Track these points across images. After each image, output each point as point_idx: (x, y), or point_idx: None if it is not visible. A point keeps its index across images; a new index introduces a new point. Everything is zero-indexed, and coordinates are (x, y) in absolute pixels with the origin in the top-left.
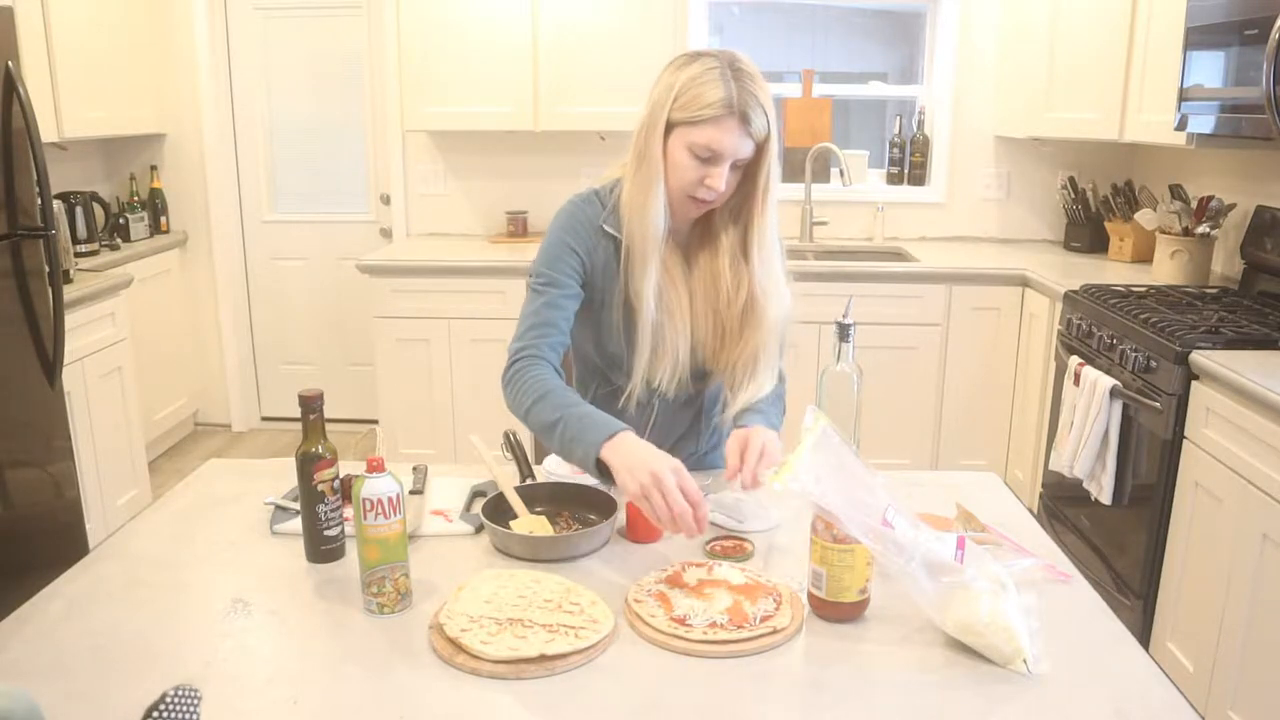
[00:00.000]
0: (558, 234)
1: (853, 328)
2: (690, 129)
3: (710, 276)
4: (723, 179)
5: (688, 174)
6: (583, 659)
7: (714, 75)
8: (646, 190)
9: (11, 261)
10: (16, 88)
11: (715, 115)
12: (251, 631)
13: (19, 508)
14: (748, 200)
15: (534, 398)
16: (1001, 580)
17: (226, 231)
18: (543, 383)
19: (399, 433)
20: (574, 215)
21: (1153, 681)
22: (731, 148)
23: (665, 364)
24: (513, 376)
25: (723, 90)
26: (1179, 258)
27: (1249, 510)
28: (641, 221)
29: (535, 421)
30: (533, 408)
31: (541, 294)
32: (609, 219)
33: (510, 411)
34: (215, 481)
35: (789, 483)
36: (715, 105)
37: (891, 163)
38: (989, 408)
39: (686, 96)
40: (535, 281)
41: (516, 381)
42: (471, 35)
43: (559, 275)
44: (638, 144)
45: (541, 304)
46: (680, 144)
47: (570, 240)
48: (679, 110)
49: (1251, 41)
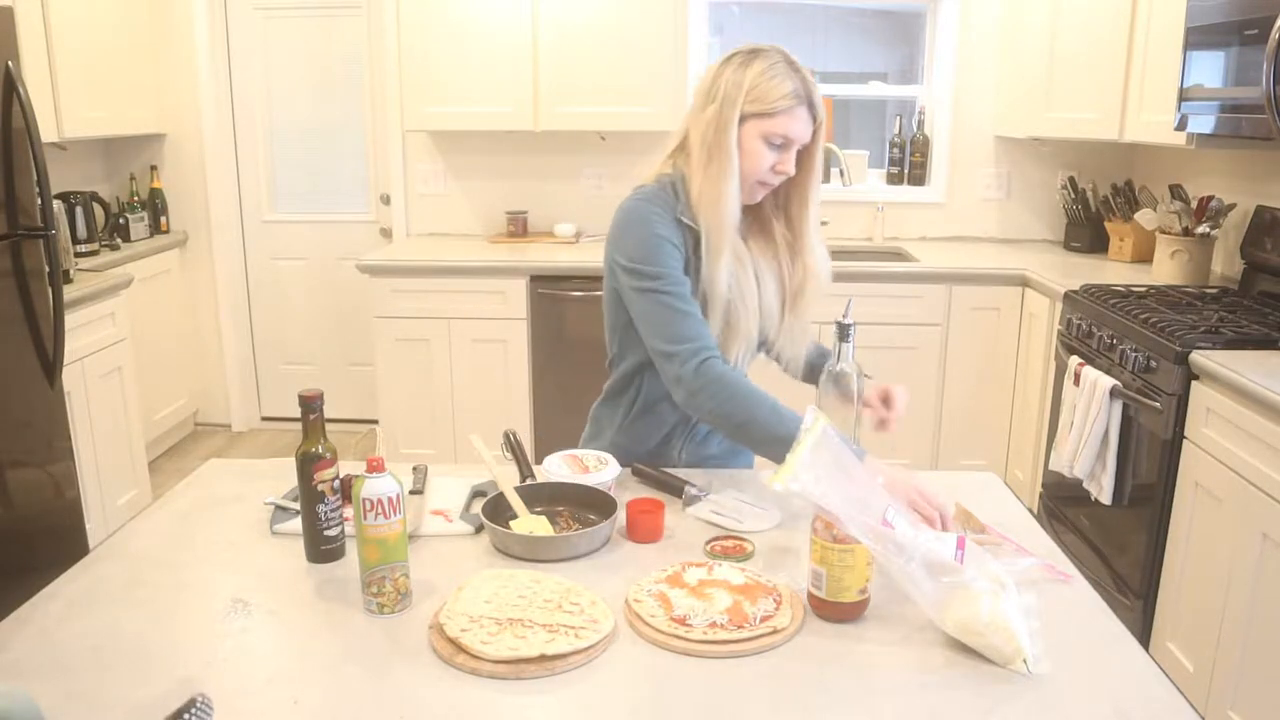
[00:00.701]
0: (651, 230)
1: (853, 328)
2: (765, 120)
3: (769, 253)
4: (791, 163)
5: (763, 161)
6: (583, 659)
7: (780, 69)
8: (721, 180)
9: (11, 261)
10: (16, 88)
11: (789, 106)
12: (251, 631)
13: (19, 508)
14: (803, 179)
15: (752, 411)
16: (1001, 580)
17: (226, 231)
18: (762, 393)
19: (399, 433)
20: (657, 212)
21: (1153, 681)
22: (800, 133)
23: (740, 342)
24: (710, 376)
25: (791, 83)
26: (1179, 258)
27: (1249, 510)
28: (719, 211)
29: (758, 431)
30: (753, 421)
31: (670, 292)
32: (684, 211)
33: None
34: (215, 481)
35: (789, 483)
36: (789, 97)
37: (891, 163)
38: (989, 408)
39: (758, 90)
40: (655, 283)
41: (721, 384)
42: (471, 35)
43: (673, 271)
44: (706, 138)
45: (679, 302)
46: (754, 134)
47: (665, 233)
48: (752, 103)
49: (1251, 41)
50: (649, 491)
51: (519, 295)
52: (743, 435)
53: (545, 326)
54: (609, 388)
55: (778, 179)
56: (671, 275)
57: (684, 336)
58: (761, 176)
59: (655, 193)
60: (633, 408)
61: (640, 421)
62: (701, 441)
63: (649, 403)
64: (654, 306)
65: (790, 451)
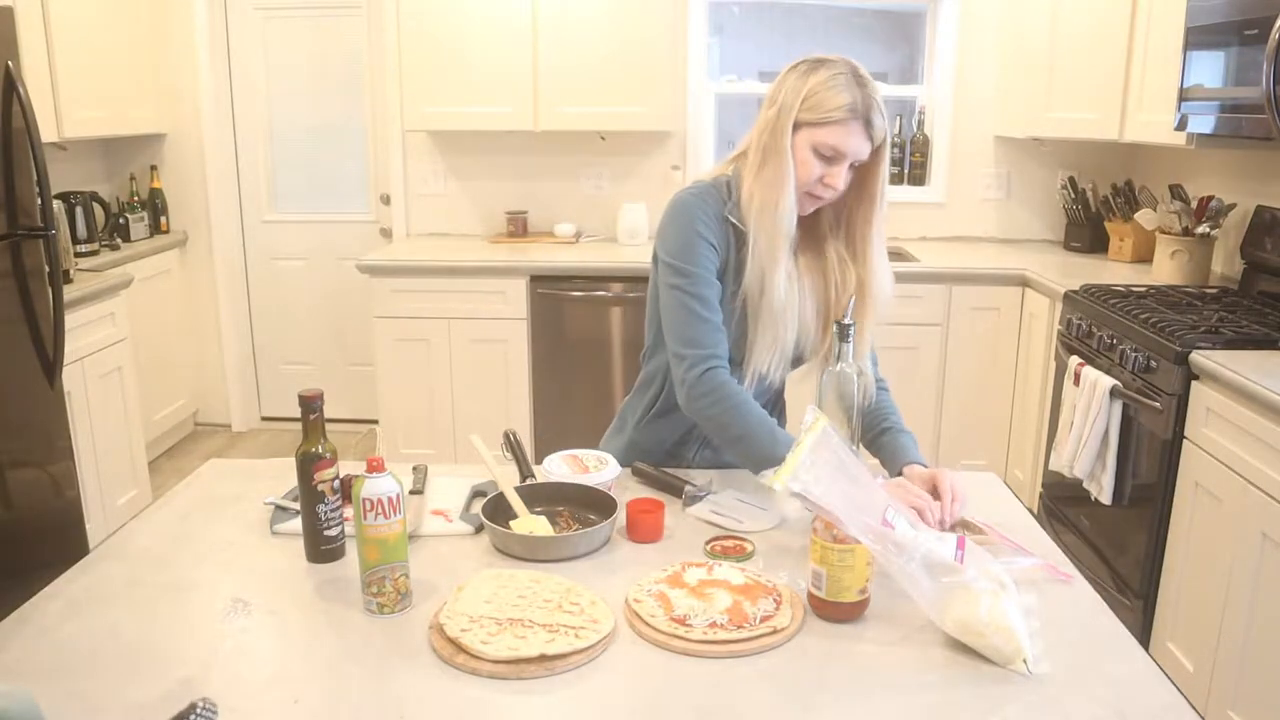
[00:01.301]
0: (691, 226)
1: (853, 328)
2: (817, 129)
3: (818, 270)
4: (841, 178)
5: (810, 171)
6: (583, 659)
7: (840, 81)
8: (777, 186)
9: (11, 261)
10: (16, 88)
11: (842, 118)
12: (251, 631)
13: (19, 508)
14: (863, 199)
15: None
16: (1001, 580)
17: (226, 231)
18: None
19: (399, 433)
20: (702, 205)
21: (1153, 681)
22: (854, 149)
23: (775, 352)
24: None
25: (848, 95)
26: (1179, 258)
27: (1249, 510)
28: (774, 214)
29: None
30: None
31: (694, 294)
32: (733, 210)
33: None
34: (215, 481)
35: (789, 483)
36: (842, 109)
37: (892, 163)
38: (989, 408)
39: (815, 99)
40: (682, 281)
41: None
42: (471, 35)
43: (704, 271)
44: (762, 141)
45: (700, 306)
46: (805, 143)
47: (704, 232)
48: (806, 111)
49: (1251, 41)
50: (649, 491)
51: (519, 295)
52: (737, 448)
53: (545, 326)
54: (638, 381)
55: (827, 193)
56: (702, 277)
57: (697, 341)
58: (809, 187)
59: (706, 188)
60: (654, 405)
61: (660, 420)
62: (718, 448)
63: (670, 402)
64: (678, 306)
65: (790, 452)
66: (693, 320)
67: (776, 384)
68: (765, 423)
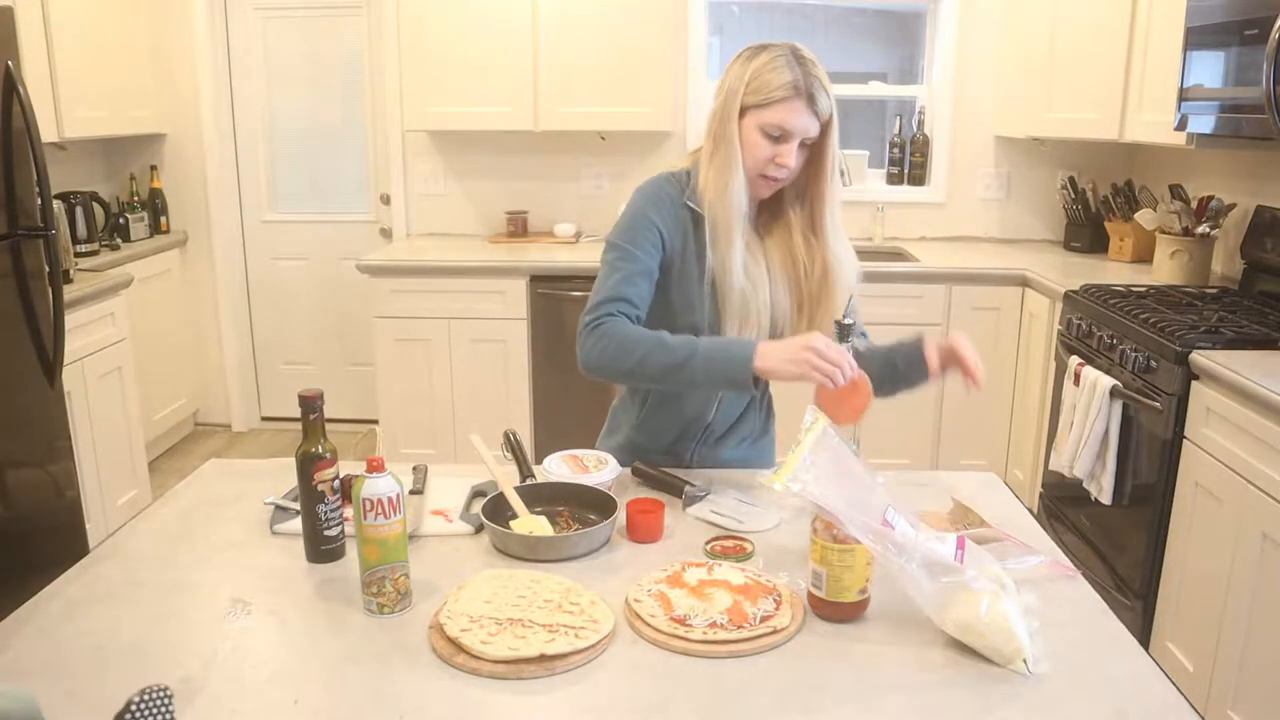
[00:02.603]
0: (640, 207)
1: (853, 327)
2: (762, 110)
3: (785, 251)
4: (792, 155)
5: (761, 153)
6: (583, 659)
7: (781, 62)
8: (726, 170)
9: (11, 261)
10: (16, 88)
11: (784, 96)
12: (251, 631)
13: (19, 508)
14: (816, 177)
15: (650, 343)
16: (1001, 580)
17: (226, 231)
18: (649, 332)
19: (399, 433)
20: (656, 192)
21: (1153, 681)
22: (800, 126)
23: (750, 333)
24: (604, 334)
25: (789, 74)
26: (1179, 258)
27: (1249, 510)
28: (724, 199)
29: (653, 365)
30: (648, 355)
31: (617, 269)
32: (691, 196)
33: (593, 366)
34: (215, 481)
35: (789, 483)
36: (784, 87)
37: (891, 163)
38: (989, 408)
39: (757, 82)
40: (613, 256)
41: (613, 335)
42: (471, 35)
43: (637, 250)
44: (713, 130)
45: (619, 279)
46: (753, 125)
47: (652, 214)
48: (751, 95)
49: (1251, 41)
50: (649, 491)
51: (519, 295)
52: (639, 377)
53: (545, 326)
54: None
55: (780, 173)
56: (630, 254)
57: (595, 305)
58: (761, 169)
59: (667, 177)
60: (646, 404)
61: (654, 418)
62: (715, 444)
63: (661, 398)
64: (601, 276)
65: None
66: (601, 289)
67: None
68: (649, 340)
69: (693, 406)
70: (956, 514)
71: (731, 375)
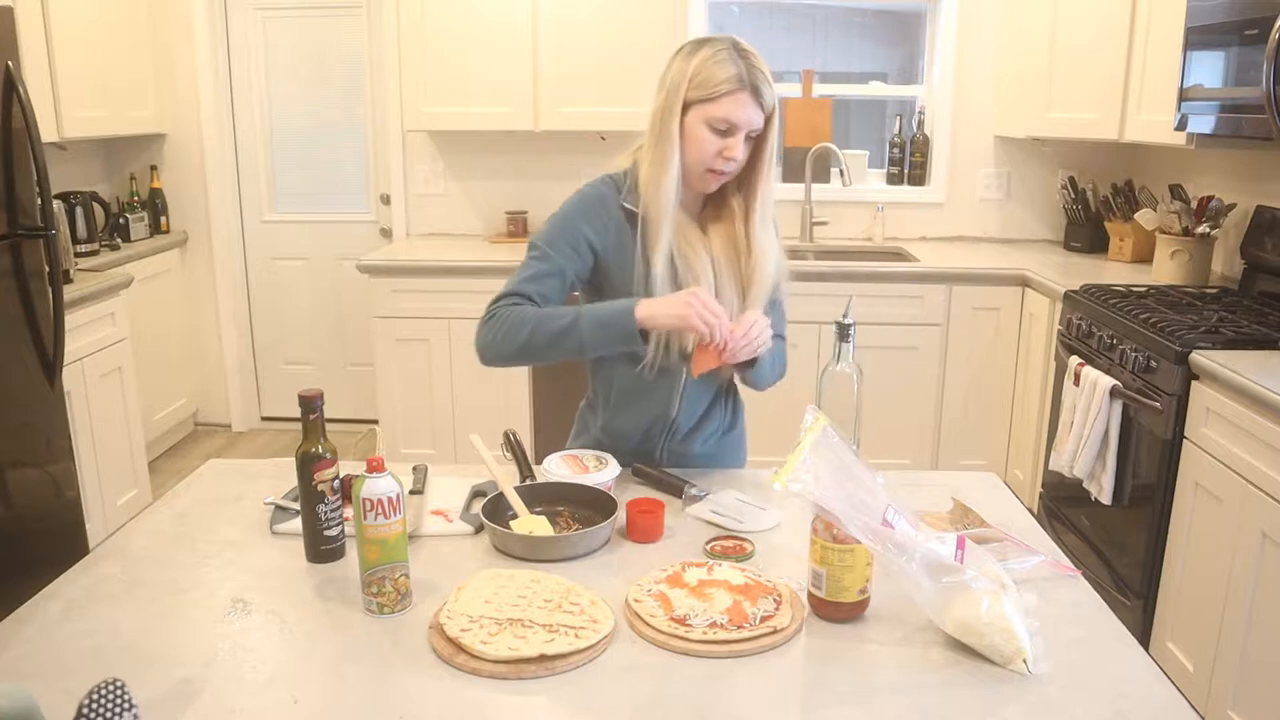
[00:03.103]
0: (567, 211)
1: (853, 328)
2: (707, 105)
3: (728, 240)
4: (739, 148)
5: (708, 147)
6: (583, 659)
7: (724, 56)
8: (661, 165)
9: (11, 261)
10: (16, 88)
11: (730, 90)
12: (251, 631)
13: (19, 508)
14: (755, 166)
15: (534, 320)
16: (1001, 580)
17: (226, 231)
18: (533, 310)
19: (399, 433)
20: (587, 195)
21: (1153, 681)
22: (746, 119)
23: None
24: (497, 321)
25: (734, 68)
26: (1179, 258)
27: (1249, 510)
28: (656, 193)
29: (542, 335)
30: (537, 327)
31: (529, 267)
32: (628, 196)
33: (489, 352)
34: (215, 481)
35: (789, 483)
36: (729, 81)
37: (891, 163)
38: (989, 408)
39: (701, 77)
40: (528, 255)
41: (504, 319)
42: (471, 35)
43: (551, 250)
44: (654, 126)
45: (527, 275)
46: (698, 120)
47: (579, 219)
48: (695, 90)
49: (1251, 41)
50: (649, 491)
51: None
52: (532, 352)
53: None
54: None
55: (728, 165)
56: (547, 255)
57: (498, 296)
58: (709, 164)
59: (599, 182)
60: (610, 403)
61: (619, 417)
62: (683, 440)
63: (623, 395)
64: (518, 268)
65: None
66: (510, 283)
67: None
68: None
69: (656, 404)
70: (956, 514)
71: (618, 328)
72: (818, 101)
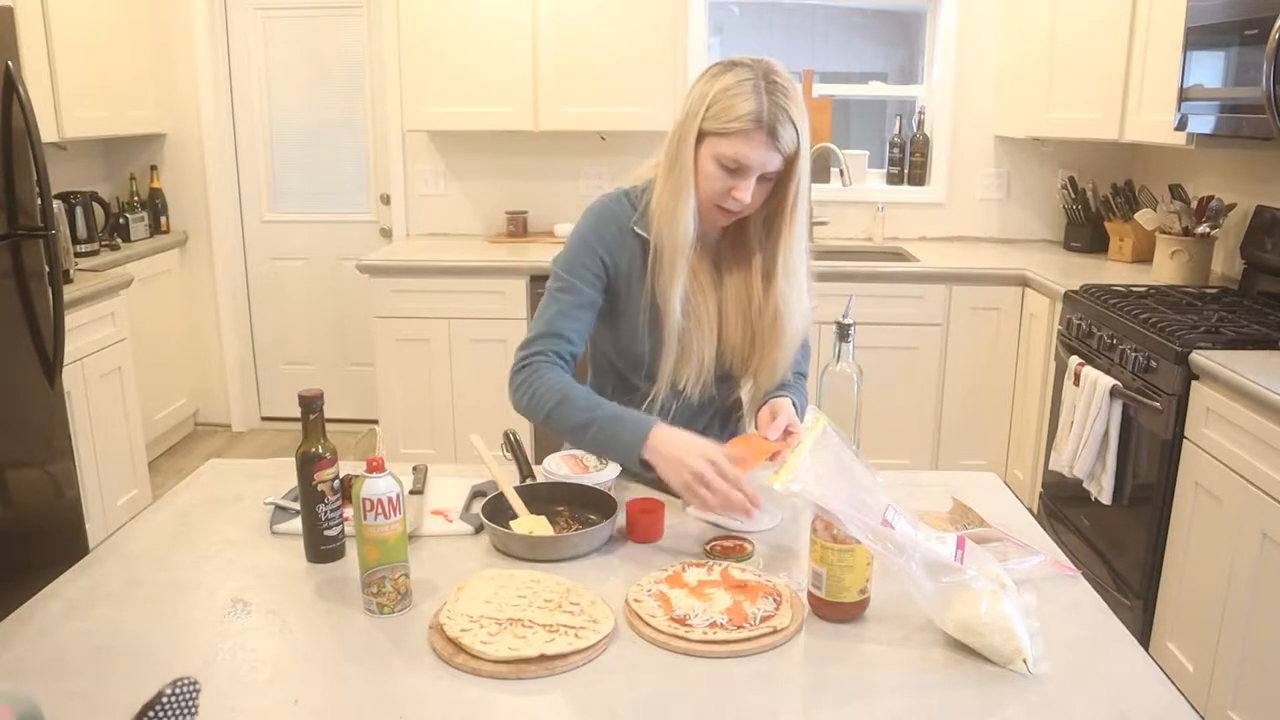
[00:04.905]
0: (583, 233)
1: (853, 328)
2: (719, 140)
3: (741, 283)
4: (748, 191)
5: (715, 184)
6: (583, 659)
7: (747, 87)
8: (677, 196)
9: (11, 261)
10: (16, 88)
11: (743, 129)
12: (251, 631)
13: (19, 508)
14: (777, 212)
15: (556, 400)
16: (1001, 580)
17: (226, 231)
18: (562, 384)
19: (399, 433)
20: (602, 215)
21: (1153, 681)
22: (758, 161)
23: (690, 368)
24: (527, 378)
25: (753, 104)
26: (1179, 258)
27: (1249, 510)
28: (671, 227)
29: (560, 422)
30: (555, 410)
31: (557, 301)
32: (639, 221)
33: (519, 411)
34: (215, 481)
35: (789, 483)
36: (744, 118)
37: (891, 163)
38: (989, 408)
39: (718, 107)
40: (554, 285)
41: (532, 383)
42: (471, 35)
43: (577, 280)
44: (670, 149)
45: (556, 312)
46: (709, 154)
47: (594, 241)
48: (710, 120)
49: (1251, 41)
50: (649, 491)
51: (519, 295)
52: (552, 429)
53: None
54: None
55: (735, 206)
56: (571, 285)
57: (529, 340)
58: (716, 199)
59: (613, 200)
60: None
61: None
62: None
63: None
64: (544, 300)
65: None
66: (538, 322)
67: (700, 400)
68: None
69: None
70: (956, 514)
71: (621, 454)
72: (818, 101)
